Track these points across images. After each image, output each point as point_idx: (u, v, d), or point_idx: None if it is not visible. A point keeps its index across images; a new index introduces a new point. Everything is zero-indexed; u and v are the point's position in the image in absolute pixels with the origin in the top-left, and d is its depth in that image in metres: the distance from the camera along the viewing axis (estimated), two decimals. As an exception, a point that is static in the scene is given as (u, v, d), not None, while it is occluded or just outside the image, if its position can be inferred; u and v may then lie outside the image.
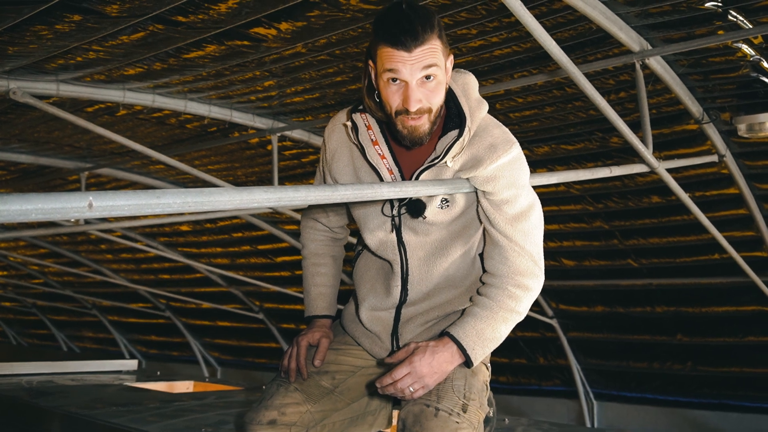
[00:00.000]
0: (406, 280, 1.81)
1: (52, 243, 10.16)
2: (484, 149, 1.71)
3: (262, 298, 9.44)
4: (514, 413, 7.01)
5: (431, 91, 1.62)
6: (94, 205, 1.02)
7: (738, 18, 3.31)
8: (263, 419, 1.78)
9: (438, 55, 1.60)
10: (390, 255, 1.82)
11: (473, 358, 1.72)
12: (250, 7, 3.37)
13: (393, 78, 1.60)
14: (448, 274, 1.81)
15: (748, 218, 5.07)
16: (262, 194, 1.25)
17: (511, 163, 1.72)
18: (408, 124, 1.64)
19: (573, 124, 4.72)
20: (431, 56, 1.58)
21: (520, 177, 1.74)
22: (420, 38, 1.56)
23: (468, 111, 1.72)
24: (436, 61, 1.59)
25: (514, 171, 1.72)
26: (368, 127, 1.77)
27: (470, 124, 1.70)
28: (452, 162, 1.71)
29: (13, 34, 3.54)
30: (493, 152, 1.70)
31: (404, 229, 1.79)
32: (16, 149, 6.32)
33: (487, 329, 1.73)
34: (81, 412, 3.84)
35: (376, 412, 2.00)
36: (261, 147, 5.88)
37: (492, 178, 1.70)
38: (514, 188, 1.72)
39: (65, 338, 13.77)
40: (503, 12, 3.37)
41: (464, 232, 1.79)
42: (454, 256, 1.79)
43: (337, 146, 1.86)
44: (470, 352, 1.71)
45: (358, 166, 1.81)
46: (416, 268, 1.80)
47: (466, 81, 1.78)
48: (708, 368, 6.32)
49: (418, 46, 1.57)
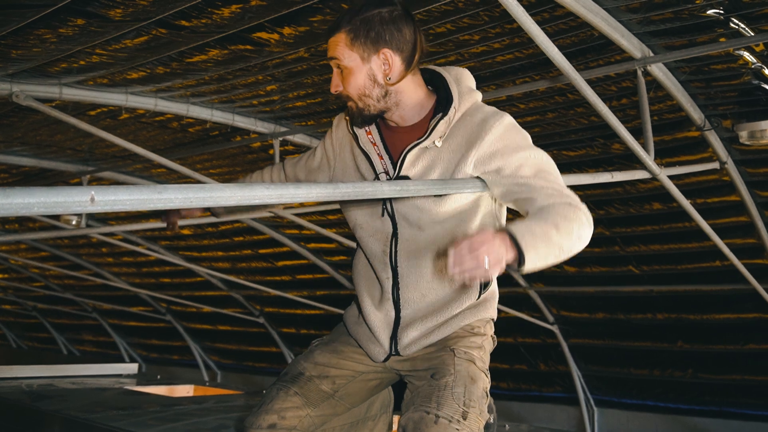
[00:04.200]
0: (396, 272, 1.83)
1: (53, 246, 10.15)
2: (476, 125, 1.77)
3: (263, 302, 9.44)
4: (514, 419, 7.00)
5: (344, 78, 1.80)
6: (96, 200, 1.03)
7: (740, 26, 3.32)
8: (263, 423, 1.78)
9: (340, 48, 1.77)
10: (381, 246, 1.84)
11: (523, 245, 1.55)
12: (253, 12, 3.38)
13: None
14: (439, 270, 1.82)
15: (750, 225, 5.07)
16: (264, 191, 1.26)
17: (507, 130, 1.76)
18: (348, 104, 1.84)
19: (575, 130, 4.72)
20: (333, 47, 1.78)
21: (522, 139, 1.77)
22: (331, 31, 1.80)
23: (456, 94, 1.81)
24: (336, 53, 1.78)
25: (513, 136, 1.76)
26: None
27: (457, 105, 1.79)
28: (441, 142, 1.77)
29: (17, 37, 3.55)
30: (485, 124, 1.75)
31: (398, 218, 1.82)
32: (18, 152, 6.33)
33: (536, 228, 1.60)
34: (81, 416, 3.84)
35: (376, 417, 2.00)
36: (263, 151, 5.89)
37: (495, 152, 1.73)
38: (521, 150, 1.75)
39: (65, 341, 13.75)
40: (505, 18, 3.37)
41: (458, 229, 1.80)
42: (446, 252, 1.80)
43: (342, 136, 1.98)
44: (520, 239, 1.55)
45: (356, 153, 1.92)
46: (405, 260, 1.82)
47: (459, 72, 1.90)
48: (709, 375, 6.31)
49: (330, 36, 1.80)
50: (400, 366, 1.88)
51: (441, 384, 1.71)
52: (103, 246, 9.42)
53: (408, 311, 1.84)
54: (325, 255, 7.83)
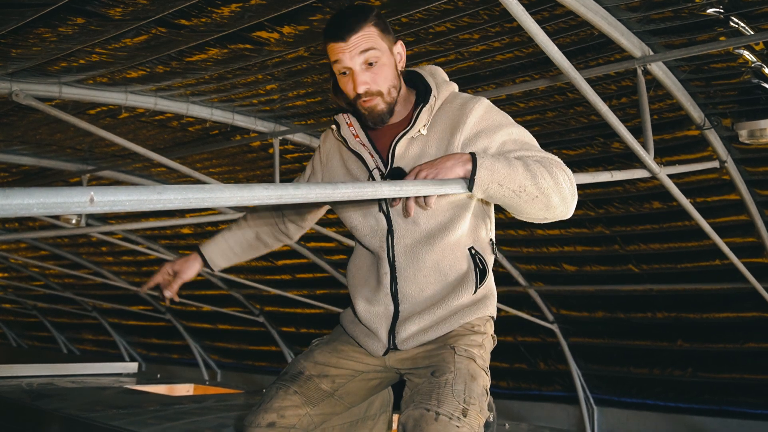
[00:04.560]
0: (394, 267, 1.84)
1: (53, 245, 10.16)
2: (456, 110, 1.82)
3: (263, 301, 9.45)
4: (514, 418, 7.00)
5: (376, 73, 1.76)
6: (96, 200, 1.02)
7: (739, 24, 3.32)
8: (262, 422, 1.79)
9: (374, 39, 1.75)
10: (378, 242, 1.86)
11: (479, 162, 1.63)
12: (252, 11, 3.38)
13: (342, 70, 1.77)
14: (435, 263, 1.83)
15: (749, 224, 5.07)
16: (263, 191, 1.26)
17: (487, 111, 1.82)
18: (365, 106, 1.79)
19: (574, 129, 4.72)
20: (365, 41, 1.74)
21: (503, 117, 1.83)
22: (353, 27, 1.73)
23: (434, 85, 1.86)
24: (371, 44, 1.74)
25: (493, 115, 1.82)
26: (349, 124, 1.92)
27: (436, 93, 1.85)
28: (426, 130, 1.81)
29: (17, 36, 3.55)
30: (465, 108, 1.81)
31: (393, 213, 1.84)
32: (18, 151, 6.33)
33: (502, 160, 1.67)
34: (81, 415, 3.84)
35: (376, 416, 2.00)
36: (263, 150, 5.89)
37: (479, 132, 1.78)
38: (504, 128, 1.80)
39: (65, 340, 13.76)
40: (505, 17, 3.37)
41: (452, 224, 1.82)
42: (441, 246, 1.82)
43: (330, 147, 2.02)
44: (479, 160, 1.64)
45: (346, 158, 1.94)
46: (402, 254, 1.84)
47: (432, 68, 1.96)
48: (708, 374, 6.32)
49: (352, 34, 1.73)
50: (401, 364, 1.88)
51: (441, 381, 1.71)
52: (103, 245, 9.42)
53: (406, 305, 1.84)
54: (325, 254, 7.84)
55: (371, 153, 1.87)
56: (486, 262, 1.86)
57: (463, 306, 1.84)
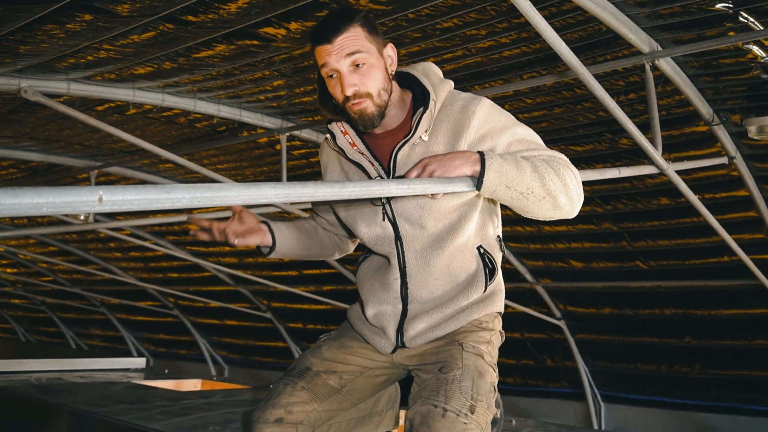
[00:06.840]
0: (405, 272, 1.84)
1: (62, 241, 10.21)
2: (457, 113, 1.78)
3: (270, 297, 9.46)
4: (521, 415, 6.99)
5: (364, 75, 1.72)
6: (105, 199, 1.03)
7: (749, 19, 3.30)
8: (270, 417, 1.79)
9: (360, 41, 1.71)
10: (387, 249, 1.85)
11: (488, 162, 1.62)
12: (260, 7, 3.38)
13: (329, 73, 1.75)
14: (446, 266, 1.82)
15: (758, 221, 5.04)
16: (271, 190, 1.26)
17: (490, 112, 1.78)
18: (354, 109, 1.75)
19: (582, 125, 4.71)
20: (352, 42, 1.70)
21: (506, 118, 1.80)
22: (338, 29, 1.70)
23: (431, 87, 1.81)
24: (358, 46, 1.71)
25: (497, 116, 1.78)
26: (344, 132, 1.87)
27: (434, 97, 1.79)
28: (428, 136, 1.77)
29: (25, 33, 3.56)
30: (467, 111, 1.76)
31: (399, 220, 1.82)
32: (26, 147, 6.35)
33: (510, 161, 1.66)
34: (89, 410, 3.86)
35: (383, 412, 2.00)
36: (270, 146, 5.90)
37: (484, 135, 1.75)
38: (509, 129, 1.77)
39: (74, 336, 13.83)
40: (513, 13, 3.36)
41: (460, 225, 1.81)
42: (451, 248, 1.81)
43: (327, 159, 1.97)
44: (488, 161, 1.62)
45: (346, 169, 1.90)
46: (413, 259, 1.83)
47: (425, 66, 1.89)
48: (716, 371, 6.30)
49: (338, 36, 1.70)
50: (408, 361, 1.88)
51: (449, 377, 1.71)
52: (111, 241, 9.46)
53: (415, 305, 1.84)
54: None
55: (371, 161, 1.84)
56: (495, 260, 1.86)
57: (472, 303, 1.84)
